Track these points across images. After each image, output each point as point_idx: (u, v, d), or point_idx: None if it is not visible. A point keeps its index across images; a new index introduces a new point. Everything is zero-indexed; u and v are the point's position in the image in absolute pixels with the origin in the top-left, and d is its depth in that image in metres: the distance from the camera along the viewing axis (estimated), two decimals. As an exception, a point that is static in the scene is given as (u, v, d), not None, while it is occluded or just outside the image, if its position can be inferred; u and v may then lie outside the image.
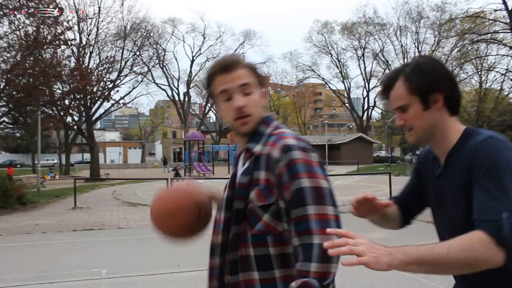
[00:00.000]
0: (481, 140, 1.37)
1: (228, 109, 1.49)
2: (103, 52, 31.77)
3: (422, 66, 1.47)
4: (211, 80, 1.52)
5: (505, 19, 25.71)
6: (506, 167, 1.28)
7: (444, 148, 1.49)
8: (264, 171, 1.42)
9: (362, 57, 50.58)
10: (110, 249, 7.51)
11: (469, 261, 1.18)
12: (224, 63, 1.51)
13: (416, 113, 1.47)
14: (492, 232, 1.19)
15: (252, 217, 1.44)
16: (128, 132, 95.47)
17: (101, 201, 15.66)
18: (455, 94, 1.48)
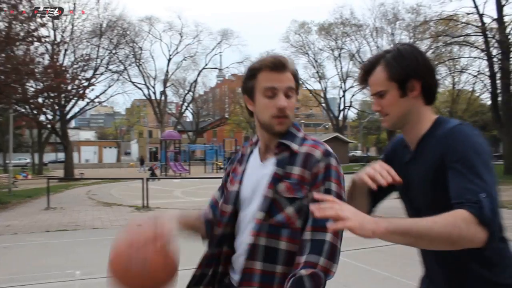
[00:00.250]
0: (453, 126, 1.41)
1: (269, 106, 1.54)
2: (78, 50, 31.26)
3: (403, 53, 1.49)
4: (257, 73, 1.56)
5: (476, 22, 26.32)
6: (478, 151, 1.33)
7: (416, 135, 1.53)
8: (300, 167, 1.51)
9: (338, 57, 51.03)
10: (85, 250, 7.40)
11: (452, 237, 1.21)
12: (277, 62, 1.53)
13: (392, 100, 1.50)
14: (474, 212, 1.22)
15: (275, 208, 1.50)
16: (104, 131, 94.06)
17: (75, 201, 15.41)
18: (432, 83, 1.51)
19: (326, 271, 1.39)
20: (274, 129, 1.56)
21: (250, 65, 1.61)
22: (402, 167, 1.55)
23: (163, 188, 19.95)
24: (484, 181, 1.27)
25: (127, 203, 14.11)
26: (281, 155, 1.56)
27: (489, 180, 1.28)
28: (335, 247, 1.43)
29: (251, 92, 1.59)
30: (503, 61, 23.84)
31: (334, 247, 1.42)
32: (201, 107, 66.67)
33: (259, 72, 1.55)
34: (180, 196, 17.39)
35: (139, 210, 12.26)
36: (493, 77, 25.75)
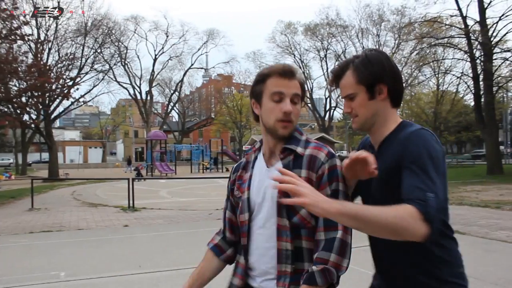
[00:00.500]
0: (413, 130, 1.50)
1: (275, 110, 1.61)
2: (63, 49, 30.95)
3: (370, 58, 1.58)
4: (266, 78, 1.64)
5: (460, 24, 26.65)
6: (432, 155, 1.42)
7: (380, 136, 1.62)
8: (306, 169, 1.59)
9: (324, 58, 51.26)
10: (69, 251, 7.32)
11: (397, 227, 1.29)
12: (286, 70, 1.63)
13: (362, 102, 1.59)
14: (421, 208, 1.30)
15: (290, 211, 1.58)
16: (89, 131, 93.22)
17: (60, 201, 15.25)
18: (398, 88, 1.61)
19: (337, 267, 1.48)
20: (278, 133, 1.63)
21: (260, 71, 1.70)
22: None
23: (149, 188, 19.84)
24: (434, 183, 1.37)
25: (112, 203, 14.00)
26: (286, 159, 1.63)
27: (439, 183, 1.38)
28: (345, 243, 1.52)
29: (259, 96, 1.66)
30: (486, 63, 24.18)
31: (344, 243, 1.51)
32: (187, 107, 66.48)
33: (268, 77, 1.63)
34: (166, 196, 17.31)
35: (125, 210, 12.17)
36: (476, 78, 26.10)
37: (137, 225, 9.85)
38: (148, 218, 10.84)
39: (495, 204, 12.03)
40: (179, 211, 11.90)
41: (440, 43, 28.25)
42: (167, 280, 5.43)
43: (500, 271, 5.51)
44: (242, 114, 61.09)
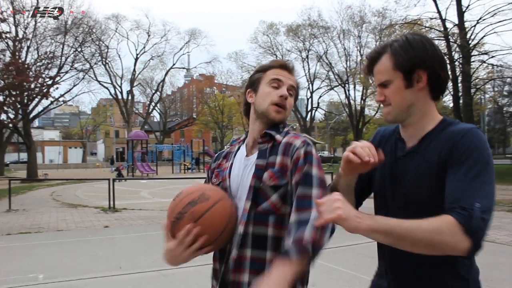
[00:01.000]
0: (468, 128, 1.36)
1: (271, 94, 1.67)
2: (42, 47, 30.41)
3: (411, 41, 1.43)
4: (267, 69, 1.72)
5: (439, 27, 27.07)
6: (487, 161, 1.30)
7: (418, 130, 1.46)
8: (282, 155, 1.60)
9: (306, 58, 51.44)
10: (48, 252, 7.21)
11: (434, 242, 1.19)
12: (287, 64, 1.74)
13: (397, 90, 1.44)
14: (462, 220, 1.19)
15: (260, 196, 1.57)
16: (69, 131, 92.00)
17: (38, 202, 14.99)
18: (440, 75, 1.44)
19: (313, 242, 1.39)
20: (270, 116, 1.67)
21: (261, 64, 1.80)
22: (391, 160, 1.52)
23: (129, 188, 19.66)
24: (484, 190, 1.25)
25: (93, 204, 13.84)
26: (264, 146, 1.66)
27: (490, 192, 1.26)
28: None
29: (256, 83, 1.72)
30: (464, 65, 24.60)
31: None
32: (168, 107, 66.08)
33: (269, 69, 1.72)
34: (147, 196, 17.18)
35: (105, 211, 12.04)
36: (455, 80, 26.52)
37: (118, 225, 9.76)
38: (129, 218, 10.74)
39: (473, 203, 12.23)
40: (160, 212, 11.83)
41: (420, 45, 28.61)
42: (148, 281, 5.40)
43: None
44: (224, 114, 60.98)
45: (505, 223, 9.08)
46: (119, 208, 12.43)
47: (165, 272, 5.65)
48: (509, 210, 10.95)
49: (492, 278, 5.18)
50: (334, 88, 47.18)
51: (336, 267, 5.79)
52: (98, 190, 17.95)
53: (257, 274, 1.50)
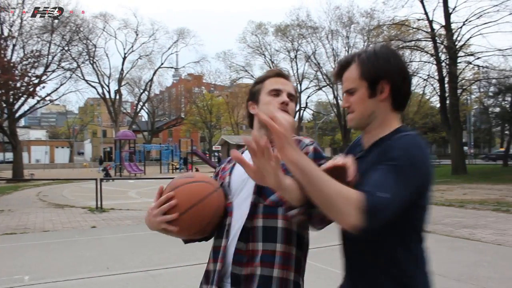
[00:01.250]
0: (405, 134, 1.43)
1: (272, 102, 1.73)
2: (28, 46, 30.01)
3: (378, 53, 1.50)
4: (264, 80, 1.79)
5: (426, 28, 27.32)
6: (411, 162, 1.34)
7: (374, 137, 1.53)
8: None
9: (294, 59, 51.52)
10: (34, 253, 7.14)
11: (331, 200, 1.23)
12: (282, 71, 1.84)
13: (361, 98, 1.50)
14: (367, 199, 1.23)
15: (268, 189, 1.53)
16: (55, 131, 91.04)
17: (24, 203, 14.84)
18: (402, 88, 1.49)
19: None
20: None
21: (259, 77, 1.86)
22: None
23: (117, 188, 19.55)
24: (398, 188, 1.29)
25: (80, 204, 13.74)
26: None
27: (400, 192, 1.29)
28: None
29: (256, 94, 1.79)
30: (451, 66, 24.87)
31: None
32: (156, 107, 65.75)
33: (267, 79, 1.79)
34: (135, 196, 17.10)
35: (92, 211, 11.96)
36: (441, 81, 26.80)
37: (105, 226, 9.70)
38: (116, 219, 10.68)
39: (459, 203, 12.39)
40: (148, 212, 11.76)
41: (408, 45, 28.87)
42: (136, 282, 5.37)
43: (463, 268, 5.68)
44: (212, 114, 60.85)
45: (490, 222, 9.19)
46: (107, 208, 12.36)
47: (153, 272, 5.63)
48: (494, 209, 11.09)
49: (477, 276, 5.26)
50: (322, 88, 47.36)
51: (324, 266, 5.82)
52: (85, 190, 17.82)
53: (269, 267, 1.55)
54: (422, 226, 1.48)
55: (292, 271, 1.61)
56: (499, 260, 6.16)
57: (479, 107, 47.19)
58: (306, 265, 1.74)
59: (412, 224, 1.45)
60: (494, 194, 14.86)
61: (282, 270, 1.57)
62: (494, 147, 71.30)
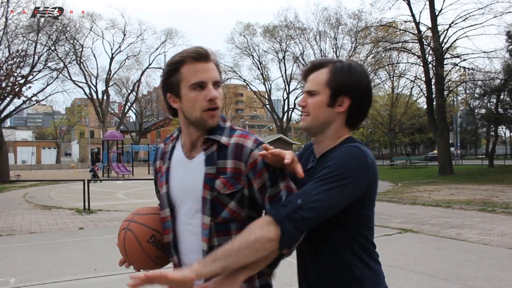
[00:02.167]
0: (346, 146, 1.47)
1: (199, 99, 1.46)
2: (14, 45, 29.67)
3: (352, 69, 1.52)
4: (179, 67, 1.47)
5: (413, 30, 27.59)
6: (340, 172, 1.38)
7: (324, 148, 1.55)
8: (233, 159, 1.47)
9: (283, 59, 51.74)
10: (20, 255, 7.06)
11: (250, 242, 1.29)
12: (201, 52, 1.47)
13: (319, 103, 1.51)
14: (271, 212, 1.33)
15: (217, 206, 1.47)
16: (42, 131, 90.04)
17: (10, 204, 14.67)
18: (360, 111, 1.53)
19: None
20: (207, 124, 1.49)
21: (171, 59, 1.51)
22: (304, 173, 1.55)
23: (105, 190, 19.42)
24: (318, 191, 1.34)
25: (67, 205, 13.62)
26: (210, 150, 1.50)
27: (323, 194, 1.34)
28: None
29: (176, 88, 1.49)
30: (437, 68, 25.11)
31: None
32: (144, 107, 65.49)
33: (182, 65, 1.47)
34: (123, 197, 16.99)
35: (80, 212, 11.86)
36: (428, 82, 27.05)
37: (93, 227, 9.63)
38: (104, 220, 10.60)
39: (446, 203, 12.52)
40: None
41: (395, 47, 29.13)
42: (124, 284, 5.32)
43: (450, 267, 5.74)
44: (201, 114, 60.60)
45: (476, 222, 9.30)
46: (94, 209, 12.26)
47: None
48: (480, 210, 11.22)
49: (464, 276, 5.31)
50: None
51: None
52: (73, 191, 17.67)
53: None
54: (368, 232, 1.52)
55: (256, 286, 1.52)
56: (485, 259, 6.23)
57: (465, 108, 47.82)
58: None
59: (356, 230, 1.48)
60: (480, 195, 15.03)
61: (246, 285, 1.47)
62: (480, 147, 72.18)
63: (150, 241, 1.58)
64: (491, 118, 31.35)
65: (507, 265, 5.95)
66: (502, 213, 10.57)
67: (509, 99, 29.87)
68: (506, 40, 27.08)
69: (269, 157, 1.40)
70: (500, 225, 8.91)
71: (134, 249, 1.58)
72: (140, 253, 1.58)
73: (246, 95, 79.91)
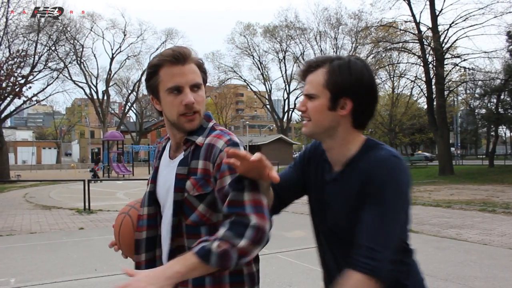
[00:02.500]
0: (384, 157, 1.34)
1: (175, 103, 1.45)
2: (14, 45, 29.67)
3: (351, 66, 1.38)
4: (158, 70, 1.46)
5: (414, 30, 27.59)
6: (398, 190, 1.30)
7: (341, 155, 1.44)
8: (203, 160, 1.43)
9: (283, 60, 51.79)
10: (21, 256, 7.06)
11: None
12: (177, 55, 1.44)
13: (320, 107, 1.40)
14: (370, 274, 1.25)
15: (187, 207, 1.44)
16: (42, 131, 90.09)
17: (11, 204, 14.66)
18: (366, 110, 1.42)
19: (243, 254, 1.25)
20: (184, 128, 1.49)
21: (150, 62, 1.51)
22: (319, 183, 1.52)
23: (105, 190, 19.42)
24: (395, 225, 1.29)
25: (67, 205, 13.61)
26: (187, 151, 1.49)
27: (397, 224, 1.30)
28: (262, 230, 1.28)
29: (155, 90, 1.49)
30: (438, 68, 25.11)
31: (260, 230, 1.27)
32: (145, 107, 65.41)
33: (160, 68, 1.46)
34: (123, 198, 16.98)
35: (80, 212, 11.86)
36: (428, 82, 27.05)
37: (93, 227, 9.63)
38: (104, 220, 10.60)
39: (446, 203, 12.52)
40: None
41: (395, 47, 29.12)
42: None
43: (450, 267, 5.74)
44: (201, 114, 60.59)
45: (476, 222, 9.30)
46: (95, 209, 12.26)
47: (142, 274, 5.60)
48: (480, 210, 11.21)
49: (464, 276, 5.31)
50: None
51: (313, 267, 5.84)
52: (73, 192, 17.66)
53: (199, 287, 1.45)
54: (407, 238, 1.48)
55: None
56: (485, 259, 6.23)
57: (465, 108, 47.79)
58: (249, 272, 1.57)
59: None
60: (481, 195, 15.03)
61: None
62: (480, 148, 72.12)
63: None
64: (491, 118, 31.35)
65: (507, 265, 5.95)
66: (503, 213, 10.57)
67: (510, 99, 29.89)
68: (507, 40, 27.10)
69: (237, 165, 1.28)
70: (501, 225, 8.91)
71: (127, 234, 1.64)
72: (132, 239, 1.63)
73: (247, 95, 79.92)
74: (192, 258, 1.24)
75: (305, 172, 1.59)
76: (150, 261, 1.58)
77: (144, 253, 1.57)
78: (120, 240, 1.67)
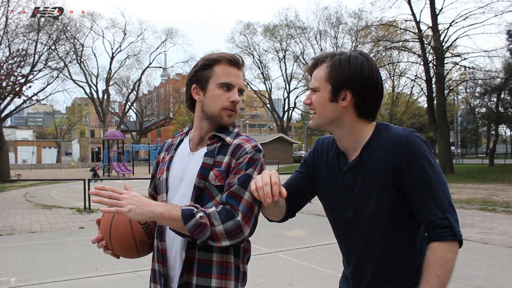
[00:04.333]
0: (405, 133, 1.43)
1: (222, 97, 1.60)
2: (14, 44, 29.68)
3: (351, 60, 1.46)
4: (214, 64, 1.61)
5: (414, 29, 27.54)
6: (431, 163, 1.41)
7: (355, 143, 1.51)
8: (229, 156, 1.57)
9: (283, 59, 51.73)
10: (21, 255, 7.07)
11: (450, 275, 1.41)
12: (236, 59, 1.63)
13: (322, 100, 1.50)
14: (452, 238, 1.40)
15: (205, 195, 1.55)
16: (42, 131, 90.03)
17: (11, 204, 14.67)
18: (367, 100, 1.47)
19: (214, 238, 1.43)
20: (222, 121, 1.62)
21: (207, 56, 1.66)
22: (337, 174, 1.57)
23: (105, 189, 19.37)
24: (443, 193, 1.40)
25: (68, 205, 13.62)
26: (213, 146, 1.61)
27: (444, 187, 1.41)
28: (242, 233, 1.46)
29: (204, 82, 1.62)
30: (438, 67, 25.09)
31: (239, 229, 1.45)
32: (145, 107, 65.52)
33: (217, 63, 1.61)
34: (123, 197, 16.97)
35: (80, 212, 11.87)
36: (429, 81, 27.02)
37: (93, 227, 9.62)
38: (104, 219, 10.60)
39: (446, 202, 12.50)
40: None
41: (395, 46, 29.10)
42: (124, 283, 5.35)
43: (451, 267, 5.73)
44: (202, 114, 60.62)
45: (476, 221, 9.30)
46: (95, 209, 12.26)
47: (142, 273, 5.61)
48: (480, 208, 11.22)
49: (464, 275, 5.31)
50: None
51: (314, 266, 5.84)
52: (73, 191, 17.68)
53: (204, 276, 1.52)
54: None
55: (232, 280, 1.56)
56: (485, 258, 6.23)
57: (465, 107, 47.74)
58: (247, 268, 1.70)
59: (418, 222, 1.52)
60: (481, 194, 15.03)
61: (221, 280, 1.53)
62: (481, 147, 72.11)
63: (142, 222, 1.62)
64: (491, 117, 31.34)
65: (508, 264, 5.96)
66: (503, 212, 10.57)
67: (510, 98, 29.89)
68: (507, 39, 27.09)
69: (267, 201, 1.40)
70: (501, 224, 8.92)
71: (122, 225, 1.61)
72: (126, 230, 1.61)
73: (247, 94, 79.84)
74: (177, 212, 1.42)
75: (312, 174, 1.67)
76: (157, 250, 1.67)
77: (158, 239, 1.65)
78: (112, 231, 1.62)
